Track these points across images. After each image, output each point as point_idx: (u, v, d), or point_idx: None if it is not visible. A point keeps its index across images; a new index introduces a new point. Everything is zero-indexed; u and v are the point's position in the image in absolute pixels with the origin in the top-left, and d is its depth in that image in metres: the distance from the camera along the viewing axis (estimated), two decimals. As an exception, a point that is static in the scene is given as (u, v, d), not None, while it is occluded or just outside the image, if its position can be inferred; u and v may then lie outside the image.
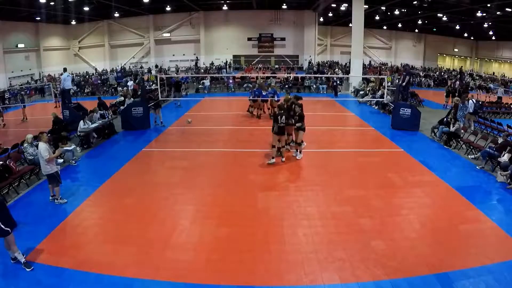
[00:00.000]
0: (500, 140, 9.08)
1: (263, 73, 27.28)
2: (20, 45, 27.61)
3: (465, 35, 34.93)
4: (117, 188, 7.69)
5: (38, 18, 26.42)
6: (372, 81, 21.51)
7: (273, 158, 8.73)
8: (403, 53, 36.75)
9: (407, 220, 6.15)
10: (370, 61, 35.60)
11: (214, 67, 31.70)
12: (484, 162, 8.76)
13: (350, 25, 24.03)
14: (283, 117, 8.40)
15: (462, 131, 10.59)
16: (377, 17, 29.84)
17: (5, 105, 18.96)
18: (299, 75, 25.59)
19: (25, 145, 8.64)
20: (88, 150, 10.55)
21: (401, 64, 34.37)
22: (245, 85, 23.07)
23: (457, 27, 31.29)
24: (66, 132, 10.55)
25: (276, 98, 13.81)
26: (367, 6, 23.01)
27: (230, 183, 7.85)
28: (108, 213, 6.61)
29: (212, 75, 25.90)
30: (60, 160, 8.78)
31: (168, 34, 33.07)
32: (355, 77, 21.79)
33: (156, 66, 32.46)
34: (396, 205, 6.78)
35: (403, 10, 27.51)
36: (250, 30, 32.87)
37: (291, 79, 24.57)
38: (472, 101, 12.44)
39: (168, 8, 28.77)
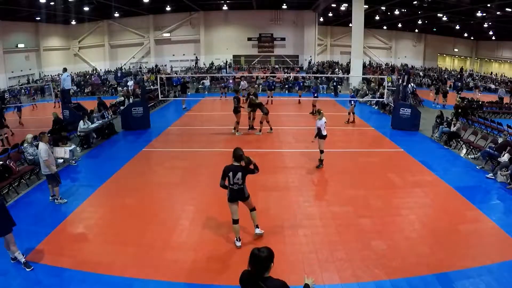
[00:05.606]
0: (500, 140, 9.09)
1: (264, 73, 27.28)
2: (20, 45, 27.62)
3: (465, 35, 34.94)
4: (117, 188, 7.69)
5: (38, 18, 26.43)
6: (372, 81, 21.52)
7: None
8: (403, 53, 36.74)
9: (407, 220, 6.15)
10: (370, 61, 35.58)
11: (214, 67, 31.70)
12: (484, 162, 8.77)
13: (350, 25, 24.03)
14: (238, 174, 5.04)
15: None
16: (377, 17, 29.85)
17: (5, 105, 18.92)
18: (300, 75, 25.57)
19: (25, 145, 8.64)
20: (88, 150, 10.55)
21: (401, 64, 34.38)
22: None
23: (457, 27, 31.31)
24: (65, 132, 10.55)
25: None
26: (367, 6, 23.02)
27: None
28: (108, 213, 6.61)
29: (212, 75, 25.89)
30: (60, 160, 8.79)
31: (168, 34, 33.06)
32: (355, 77, 21.79)
33: (156, 66, 32.45)
34: (396, 205, 6.77)
35: (403, 10, 27.53)
36: (250, 30, 32.87)
37: (291, 79, 24.55)
38: (411, 84, 16.91)
39: (168, 8, 28.77)
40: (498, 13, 22.88)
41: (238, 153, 5.05)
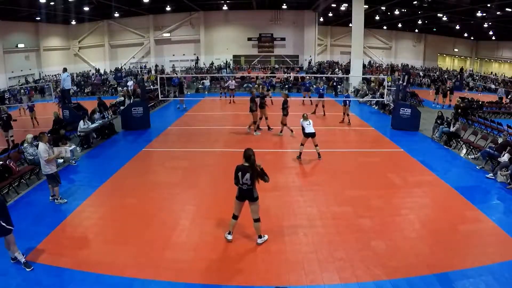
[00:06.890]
0: (500, 140, 9.09)
1: (264, 73, 27.29)
2: (20, 45, 27.59)
3: (465, 35, 34.91)
4: (117, 188, 7.69)
5: (38, 18, 26.39)
6: (372, 81, 21.52)
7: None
8: (403, 53, 36.72)
9: (407, 220, 6.15)
10: (370, 61, 35.56)
11: (214, 67, 31.71)
12: (484, 162, 8.77)
13: (350, 25, 24.01)
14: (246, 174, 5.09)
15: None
16: (377, 17, 29.81)
17: (4, 105, 18.91)
18: (300, 75, 25.58)
19: (25, 145, 8.64)
20: (88, 150, 10.55)
21: (401, 63, 34.38)
22: (245, 85, 23.08)
23: (457, 27, 31.27)
24: (63, 131, 10.53)
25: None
26: (367, 6, 23.00)
27: (230, 183, 7.80)
28: (108, 213, 6.61)
29: (212, 75, 25.88)
30: (60, 160, 8.79)
31: (168, 34, 33.04)
32: (355, 77, 21.79)
33: (156, 66, 32.46)
34: (396, 205, 6.78)
35: (403, 10, 27.49)
36: (250, 30, 32.84)
37: (291, 79, 24.56)
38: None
39: (168, 8, 28.74)
40: (498, 13, 22.87)
41: (247, 154, 5.07)
